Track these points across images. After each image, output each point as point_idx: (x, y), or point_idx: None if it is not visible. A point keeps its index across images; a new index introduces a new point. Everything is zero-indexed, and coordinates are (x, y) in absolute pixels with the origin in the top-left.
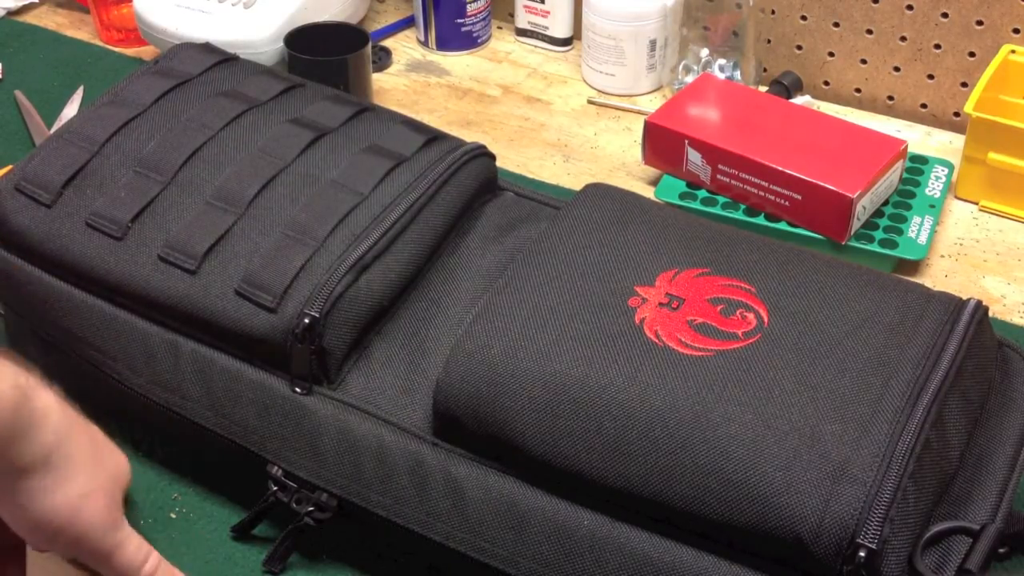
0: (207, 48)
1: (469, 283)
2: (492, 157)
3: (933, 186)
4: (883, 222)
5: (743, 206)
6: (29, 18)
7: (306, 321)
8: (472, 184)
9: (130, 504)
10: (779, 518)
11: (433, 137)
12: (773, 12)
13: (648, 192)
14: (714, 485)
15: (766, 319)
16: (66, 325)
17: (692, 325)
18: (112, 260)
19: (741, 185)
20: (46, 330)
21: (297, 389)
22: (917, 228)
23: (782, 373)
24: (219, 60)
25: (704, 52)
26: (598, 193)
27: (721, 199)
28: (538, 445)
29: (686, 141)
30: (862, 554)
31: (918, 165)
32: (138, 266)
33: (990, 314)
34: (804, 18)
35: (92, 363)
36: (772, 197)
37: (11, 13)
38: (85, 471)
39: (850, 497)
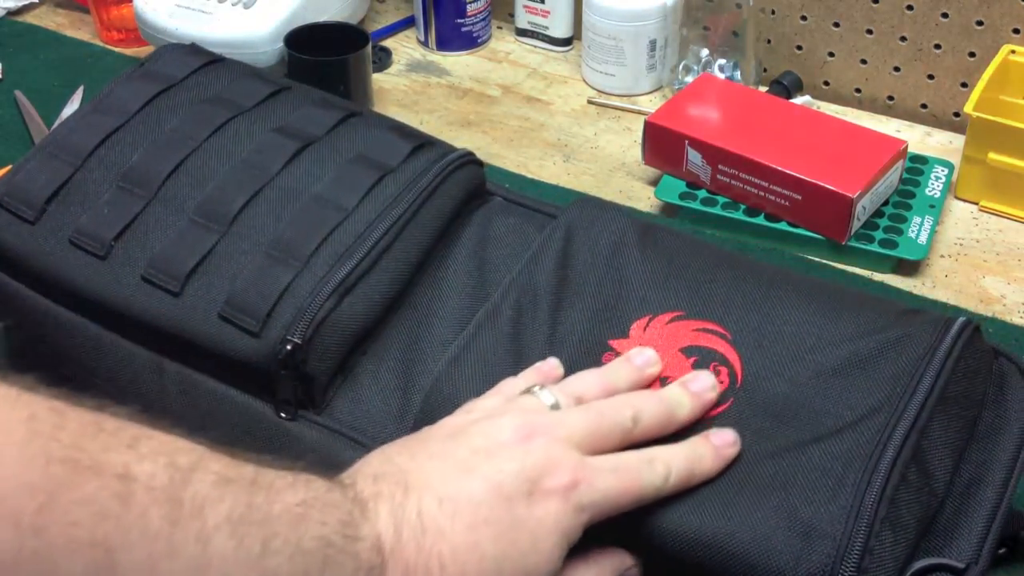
0: (192, 50)
1: (455, 300)
2: (480, 164)
3: (933, 186)
4: (883, 222)
5: (743, 206)
6: (29, 18)
7: (288, 348)
8: (459, 195)
9: None
10: None
11: (420, 144)
12: (773, 12)
13: (648, 192)
14: (684, 547)
15: (739, 375)
16: (52, 343)
17: (664, 385)
18: (96, 280)
19: (741, 185)
20: (33, 346)
21: (282, 414)
22: (917, 228)
23: (753, 443)
24: (204, 63)
25: (704, 52)
26: (581, 222)
27: (721, 199)
28: None
29: (686, 141)
30: None
31: (918, 165)
32: (121, 286)
33: (991, 314)
34: (804, 18)
35: (79, 381)
36: (772, 197)
37: (11, 13)
38: None
39: (820, 554)
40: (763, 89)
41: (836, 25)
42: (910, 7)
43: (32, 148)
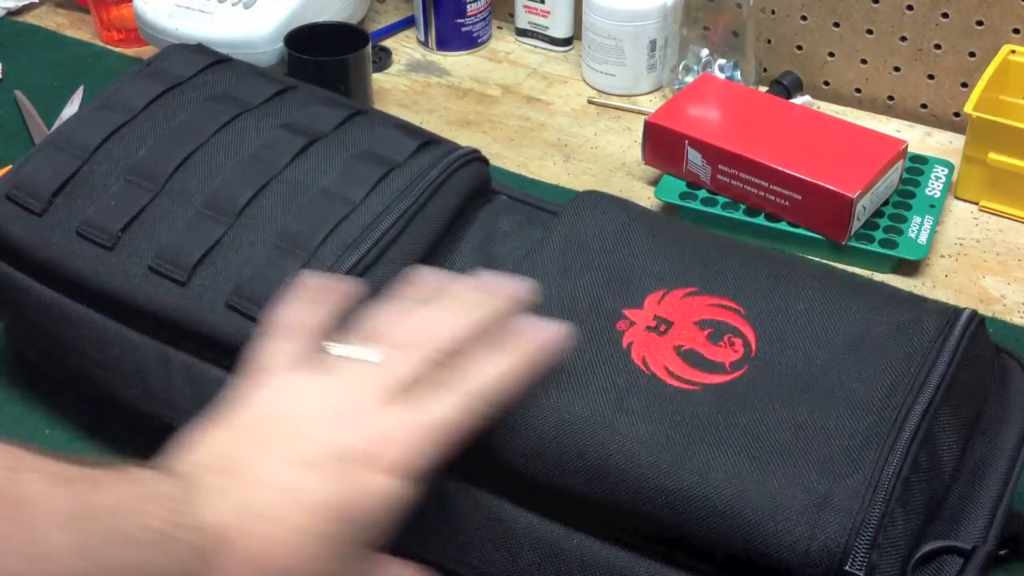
0: (199, 49)
1: None
2: (485, 162)
3: (933, 186)
4: (883, 222)
5: (743, 206)
6: (29, 18)
7: None
8: (464, 191)
9: None
10: (766, 546)
11: (426, 142)
12: (773, 12)
13: (648, 192)
14: (699, 512)
15: (754, 346)
16: (57, 334)
17: (679, 352)
18: (102, 270)
19: (741, 185)
20: (37, 339)
21: None
22: (917, 228)
23: (768, 410)
24: (211, 62)
25: (704, 52)
26: (588, 204)
27: (721, 199)
28: (525, 467)
29: (686, 141)
30: None
31: (918, 165)
32: (128, 277)
33: (990, 314)
34: (804, 18)
35: (84, 372)
36: (772, 197)
37: (11, 13)
38: None
39: (835, 525)
40: (763, 89)
41: (836, 25)
42: (910, 7)
43: (37, 144)
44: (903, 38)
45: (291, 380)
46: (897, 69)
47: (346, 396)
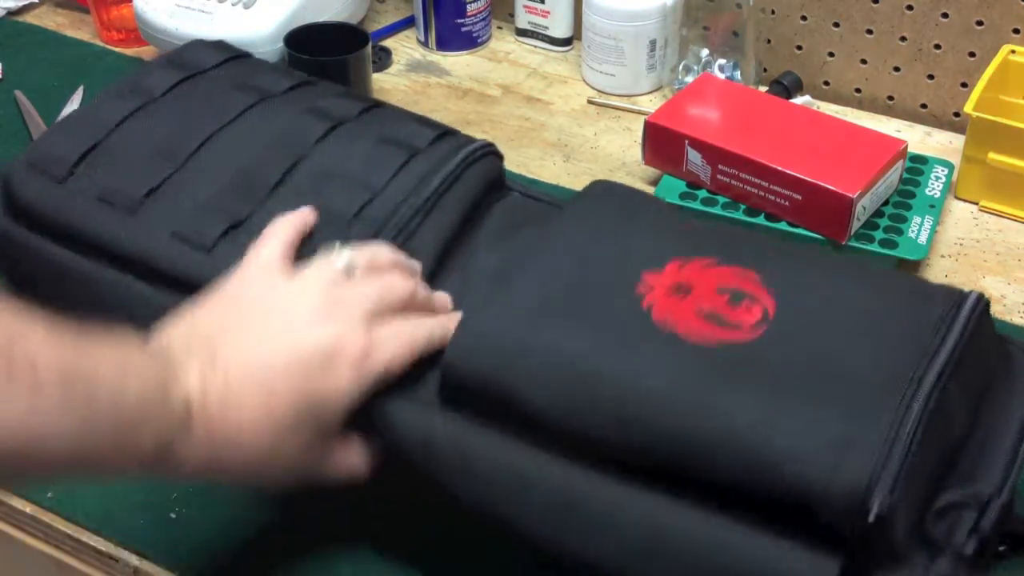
0: (220, 45)
1: (478, 284)
2: (500, 156)
3: (933, 186)
4: (883, 222)
5: (743, 206)
6: (29, 18)
7: None
8: (481, 183)
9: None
10: (788, 486)
11: (443, 132)
12: (773, 12)
13: (648, 192)
14: (721, 456)
15: (772, 311)
16: (73, 296)
17: (699, 314)
18: (123, 233)
19: (741, 185)
20: (52, 304)
21: None
22: (917, 228)
23: (788, 361)
24: (232, 56)
25: (704, 52)
26: (606, 188)
27: (721, 199)
28: (545, 418)
29: (686, 141)
30: (871, 519)
31: (918, 165)
32: (151, 239)
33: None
34: (804, 18)
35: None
36: (772, 197)
37: (11, 13)
38: None
39: (858, 465)
40: (763, 89)
41: (836, 25)
42: (910, 7)
43: (54, 124)
44: (903, 38)
45: (277, 277)
46: (897, 69)
47: (333, 304)
